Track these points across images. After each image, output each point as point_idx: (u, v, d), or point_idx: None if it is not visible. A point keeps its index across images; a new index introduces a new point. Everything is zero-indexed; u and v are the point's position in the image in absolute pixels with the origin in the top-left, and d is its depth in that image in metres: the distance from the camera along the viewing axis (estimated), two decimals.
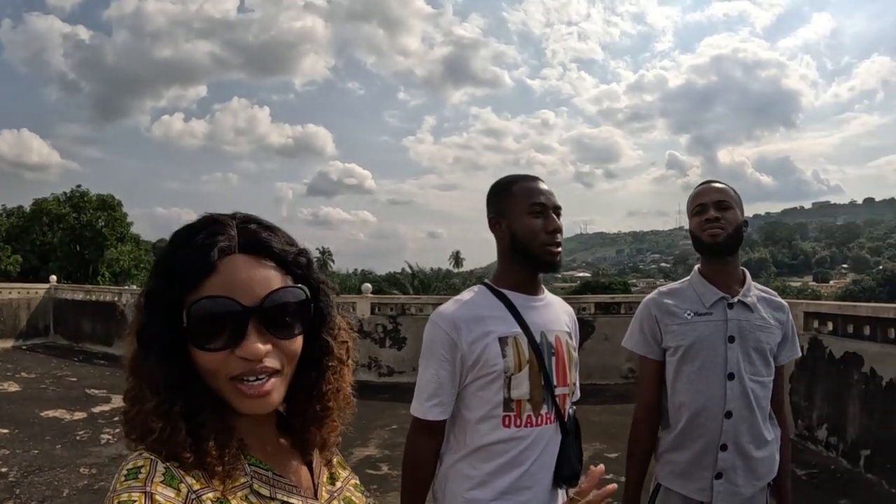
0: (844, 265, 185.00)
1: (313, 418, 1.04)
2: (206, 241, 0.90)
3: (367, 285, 12.79)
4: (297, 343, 0.96)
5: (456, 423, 2.10)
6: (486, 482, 2.01)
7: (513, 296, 2.09)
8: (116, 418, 8.15)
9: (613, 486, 1.15)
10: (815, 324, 7.51)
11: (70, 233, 36.51)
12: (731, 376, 2.35)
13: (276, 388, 0.93)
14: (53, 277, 18.92)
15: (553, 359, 2.08)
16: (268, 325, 0.91)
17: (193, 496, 0.85)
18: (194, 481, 0.87)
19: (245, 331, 0.89)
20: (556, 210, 2.10)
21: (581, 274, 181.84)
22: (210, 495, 0.87)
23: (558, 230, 2.09)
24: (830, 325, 7.25)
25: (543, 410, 2.04)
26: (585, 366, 10.92)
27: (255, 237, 0.94)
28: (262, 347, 0.90)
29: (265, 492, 0.95)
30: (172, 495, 0.84)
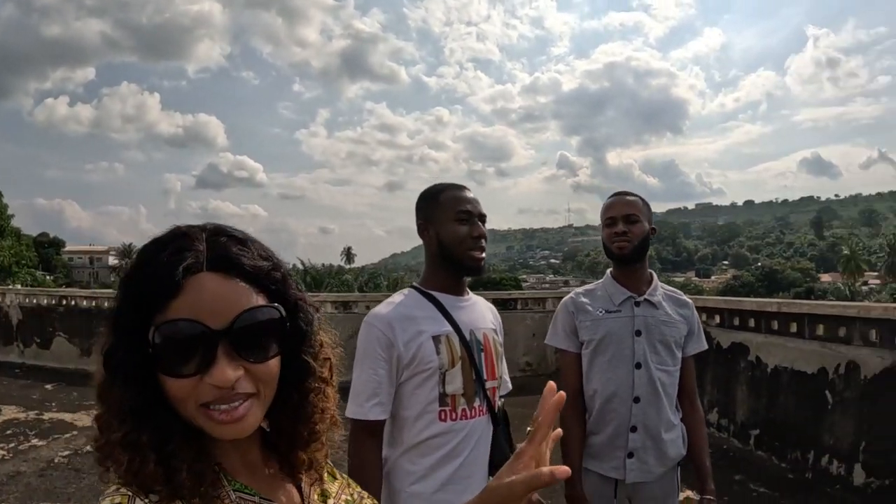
0: (725, 262, 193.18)
1: (299, 441, 0.98)
2: (171, 258, 0.83)
3: None
4: (273, 365, 0.89)
5: (393, 421, 2.16)
6: (426, 475, 2.09)
7: (441, 297, 2.20)
8: (9, 431, 7.75)
9: (559, 430, 1.01)
10: (704, 317, 7.95)
11: None
12: (638, 366, 2.61)
13: (251, 412, 0.86)
14: None
15: (482, 354, 2.20)
16: (239, 349, 0.84)
17: None
18: None
19: (214, 355, 0.82)
20: (482, 217, 2.22)
21: None
22: None
23: (483, 236, 2.20)
24: (718, 318, 7.74)
25: (476, 403, 2.15)
26: None
27: (225, 252, 0.86)
28: (233, 374, 0.83)
29: None
30: None
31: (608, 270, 2.82)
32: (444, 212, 2.19)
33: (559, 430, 0.99)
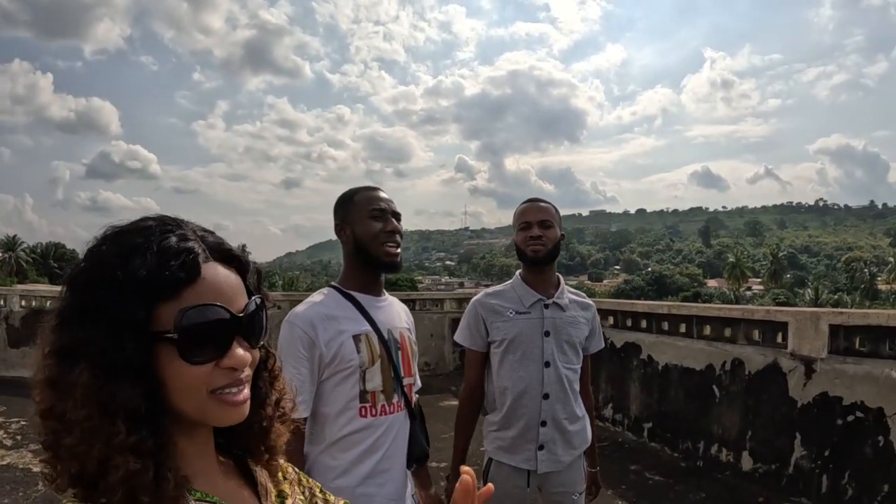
0: (617, 266, 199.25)
1: (260, 430, 0.99)
2: (180, 245, 0.83)
3: None
4: (258, 352, 0.94)
5: (314, 418, 2.19)
6: (348, 470, 2.13)
7: (360, 297, 2.26)
8: None
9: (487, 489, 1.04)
10: (599, 318, 8.28)
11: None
12: (547, 364, 2.77)
13: (247, 397, 0.89)
14: None
15: (399, 353, 2.28)
16: (246, 334, 0.88)
17: None
18: None
19: (231, 340, 0.85)
20: (396, 215, 2.29)
21: None
22: None
23: (396, 231, 2.27)
24: (612, 320, 8.09)
25: (395, 399, 2.23)
26: None
27: (221, 246, 0.90)
28: (247, 356, 0.87)
29: None
30: None
31: (517, 273, 2.93)
32: (359, 211, 2.26)
33: (490, 487, 1.04)
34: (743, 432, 5.98)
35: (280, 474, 1.08)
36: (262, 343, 0.93)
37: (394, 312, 2.37)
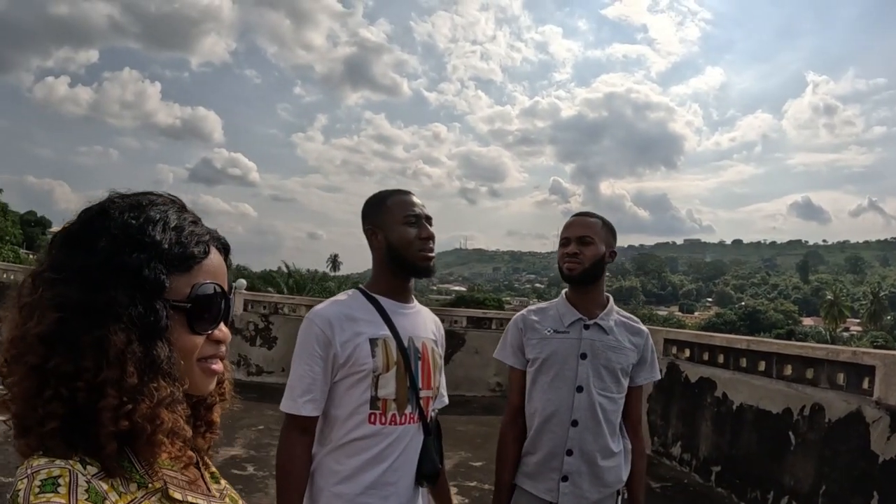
0: (709, 299, 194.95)
1: (210, 403, 1.07)
2: (196, 226, 0.97)
3: (242, 281, 12.46)
4: None
5: (325, 419, 2.17)
6: (351, 477, 2.09)
7: (384, 301, 2.21)
8: None
9: None
10: (674, 350, 7.94)
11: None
12: (579, 389, 2.57)
13: (222, 368, 1.01)
14: None
15: (419, 363, 2.20)
16: (227, 313, 1.00)
17: None
18: (116, 496, 0.81)
19: (223, 316, 0.98)
20: (429, 220, 2.24)
21: (457, 287, 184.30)
22: None
23: (431, 237, 2.22)
24: (688, 352, 7.67)
25: (408, 410, 2.15)
26: (454, 377, 10.98)
27: (216, 233, 1.02)
28: (229, 332, 1.01)
29: (178, 496, 0.92)
30: None
31: (563, 291, 2.80)
32: (393, 216, 2.22)
33: None
34: (816, 486, 5.43)
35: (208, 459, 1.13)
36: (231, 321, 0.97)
37: (420, 321, 2.31)
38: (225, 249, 1.03)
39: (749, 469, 6.33)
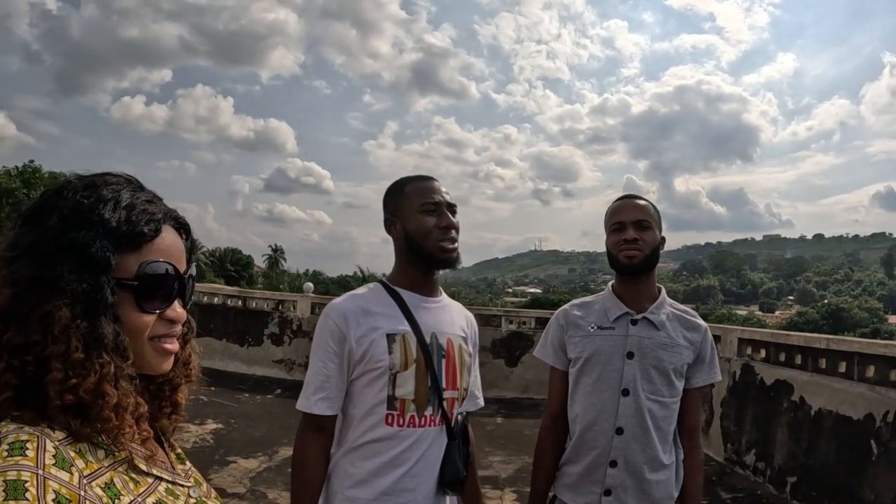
0: (791, 297, 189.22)
1: (173, 384, 1.08)
2: (147, 205, 0.96)
3: (309, 284, 12.69)
4: None
5: (343, 419, 2.07)
6: (366, 481, 1.98)
7: (406, 295, 2.09)
8: None
9: None
10: (749, 350, 7.56)
11: (17, 209, 35.34)
12: (625, 392, 2.32)
13: (177, 348, 1.02)
14: None
15: (443, 361, 2.06)
16: (183, 294, 1.00)
17: (85, 481, 0.81)
18: (83, 464, 0.83)
19: (176, 296, 0.98)
20: (451, 207, 2.10)
21: (532, 290, 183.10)
22: (99, 481, 0.84)
23: (452, 226, 2.07)
24: (763, 353, 7.28)
25: (428, 412, 2.02)
26: (523, 380, 10.97)
27: (174, 213, 1.02)
28: (183, 312, 1.00)
29: (143, 467, 0.94)
30: (67, 479, 0.79)
31: (610, 282, 2.55)
32: (411, 204, 2.09)
33: None
34: None
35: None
36: (188, 306, 1.03)
37: (446, 316, 2.16)
38: (184, 229, 1.03)
39: (826, 480, 5.90)
